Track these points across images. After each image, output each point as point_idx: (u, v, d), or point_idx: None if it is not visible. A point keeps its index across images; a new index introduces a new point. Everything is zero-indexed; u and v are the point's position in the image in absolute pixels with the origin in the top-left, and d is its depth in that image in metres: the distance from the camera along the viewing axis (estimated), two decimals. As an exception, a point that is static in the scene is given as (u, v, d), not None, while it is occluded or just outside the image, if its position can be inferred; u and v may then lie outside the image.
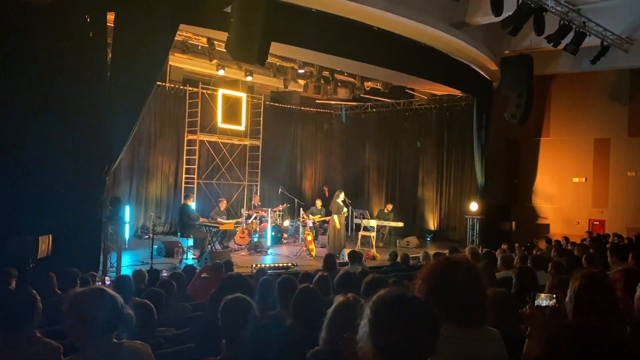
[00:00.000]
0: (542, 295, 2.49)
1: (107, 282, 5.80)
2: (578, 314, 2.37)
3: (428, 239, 15.61)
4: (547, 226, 15.52)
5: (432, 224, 16.22)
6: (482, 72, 13.49)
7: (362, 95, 15.39)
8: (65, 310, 2.24)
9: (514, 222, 15.03)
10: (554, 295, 2.49)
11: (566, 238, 11.57)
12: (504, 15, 9.14)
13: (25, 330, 2.82)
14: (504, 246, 9.97)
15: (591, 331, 1.33)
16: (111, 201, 8.80)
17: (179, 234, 11.35)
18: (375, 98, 16.73)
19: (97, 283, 5.49)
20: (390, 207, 14.97)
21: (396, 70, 11.45)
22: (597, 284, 2.43)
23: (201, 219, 11.50)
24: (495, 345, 2.20)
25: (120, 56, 7.90)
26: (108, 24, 8.20)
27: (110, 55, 8.18)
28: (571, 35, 10.58)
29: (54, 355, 2.73)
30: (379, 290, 1.76)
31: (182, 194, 13.81)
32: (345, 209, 12.00)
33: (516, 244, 10.58)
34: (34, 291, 3.02)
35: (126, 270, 8.56)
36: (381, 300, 1.70)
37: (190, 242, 11.24)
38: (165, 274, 6.57)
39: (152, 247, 9.91)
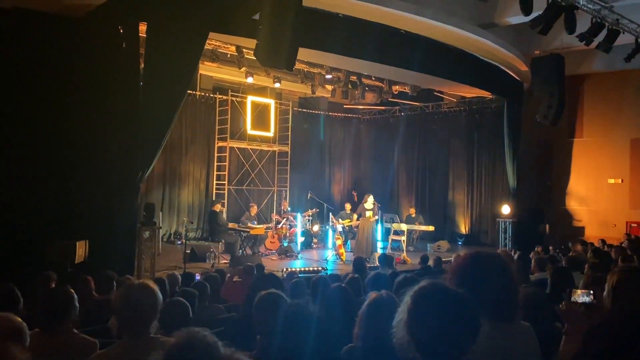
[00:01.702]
0: (579, 291, 2.41)
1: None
2: (617, 309, 2.32)
3: (459, 242, 15.48)
4: (582, 229, 15.14)
5: (463, 227, 16.10)
6: (512, 73, 13.32)
7: (390, 99, 15.32)
8: (113, 302, 2.37)
9: (547, 225, 14.75)
10: (591, 292, 2.41)
11: (603, 241, 11.30)
12: (534, 14, 8.97)
13: (64, 327, 2.94)
14: (538, 249, 9.81)
15: (631, 325, 1.29)
16: (145, 207, 8.96)
17: (210, 239, 11.48)
18: (404, 102, 16.70)
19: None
20: (413, 210, 14.98)
21: (424, 73, 11.40)
22: (637, 278, 2.34)
23: (231, 224, 11.63)
24: (529, 340, 2.16)
25: (152, 66, 8.07)
26: (140, 34, 8.37)
27: (142, 65, 8.34)
28: (604, 33, 10.32)
29: (91, 350, 2.83)
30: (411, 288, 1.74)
31: (212, 200, 13.94)
32: (374, 214, 12.00)
33: (550, 247, 10.40)
34: (72, 291, 3.13)
35: (160, 274, 8.64)
36: (423, 289, 1.69)
37: (222, 247, 11.38)
38: (198, 277, 6.63)
39: (185, 251, 10.00)
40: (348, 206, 14.35)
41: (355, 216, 12.68)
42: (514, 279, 2.16)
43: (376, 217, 12.14)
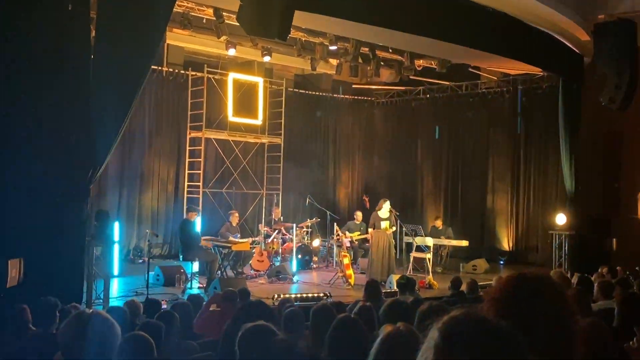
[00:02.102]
0: None
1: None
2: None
3: (501, 262, 15.56)
4: (661, 245, 15.13)
5: (506, 242, 16.15)
6: (569, 44, 13.29)
7: (412, 78, 15.36)
8: (60, 337, 2.45)
9: (615, 239, 14.67)
10: None
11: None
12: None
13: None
14: (602, 270, 9.83)
15: None
16: (96, 216, 8.96)
17: (180, 257, 11.55)
18: (430, 80, 16.71)
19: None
20: (439, 222, 14.98)
21: (456, 44, 11.39)
22: None
23: (206, 239, 11.70)
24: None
25: (106, 33, 8.05)
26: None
27: (93, 32, 8.32)
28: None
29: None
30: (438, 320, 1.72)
31: (185, 207, 14.03)
32: (391, 224, 12.01)
33: (618, 268, 10.40)
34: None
35: (116, 302, 8.64)
36: (454, 321, 1.66)
37: (196, 267, 11.37)
38: (165, 306, 6.68)
39: (148, 273, 10.04)
40: (358, 215, 14.37)
41: (370, 230, 12.60)
42: (571, 309, 2.14)
43: (394, 229, 12.11)
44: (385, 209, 11.96)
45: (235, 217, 12.92)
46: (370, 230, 12.41)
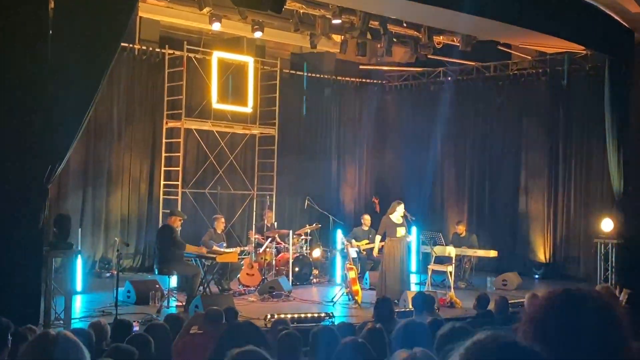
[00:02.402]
0: None
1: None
2: None
3: (536, 276, 15.53)
4: None
5: (542, 252, 16.04)
6: (617, 17, 13.26)
7: (430, 57, 15.37)
8: None
9: (672, 249, 14.68)
10: None
11: None
12: None
13: None
14: (656, 285, 9.79)
15: None
16: (56, 221, 8.91)
17: (156, 270, 11.37)
18: (451, 60, 16.65)
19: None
20: (462, 228, 14.87)
21: (483, 17, 11.38)
22: None
23: (189, 248, 11.55)
24: None
25: (67, 3, 8.03)
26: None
27: (52, 4, 8.26)
28: None
29: None
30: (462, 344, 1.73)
31: (161, 211, 13.93)
32: (406, 231, 12.02)
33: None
34: None
35: (80, 324, 8.57)
36: (481, 346, 1.68)
37: (174, 281, 11.31)
38: (137, 328, 6.75)
39: (117, 288, 9.89)
40: (366, 219, 14.38)
41: (378, 237, 12.55)
42: (623, 332, 2.13)
43: (409, 238, 12.10)
44: (398, 213, 11.93)
45: (220, 223, 12.86)
46: (377, 238, 12.41)
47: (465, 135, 17.46)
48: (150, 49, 14.43)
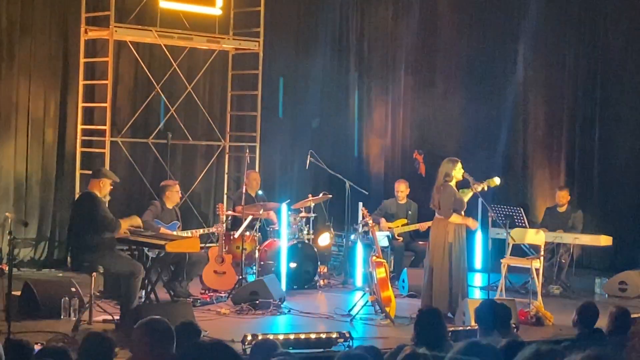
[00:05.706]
0: None
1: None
2: None
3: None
4: None
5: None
6: None
7: None
8: None
9: None
10: None
11: None
12: None
13: None
14: None
15: None
16: None
17: (72, 264, 10.50)
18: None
19: None
20: (564, 196, 12.75)
21: None
22: None
23: (124, 227, 9.97)
24: None
25: None
26: None
27: None
28: None
29: None
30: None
31: (77, 171, 12.39)
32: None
33: None
34: None
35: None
36: None
37: (100, 282, 10.24)
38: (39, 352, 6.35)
39: (10, 292, 8.93)
40: (402, 188, 12.50)
41: (416, 208, 12.39)
42: None
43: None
44: (456, 175, 10.22)
45: (173, 193, 11.11)
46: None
47: (556, 55, 14.60)
48: None
